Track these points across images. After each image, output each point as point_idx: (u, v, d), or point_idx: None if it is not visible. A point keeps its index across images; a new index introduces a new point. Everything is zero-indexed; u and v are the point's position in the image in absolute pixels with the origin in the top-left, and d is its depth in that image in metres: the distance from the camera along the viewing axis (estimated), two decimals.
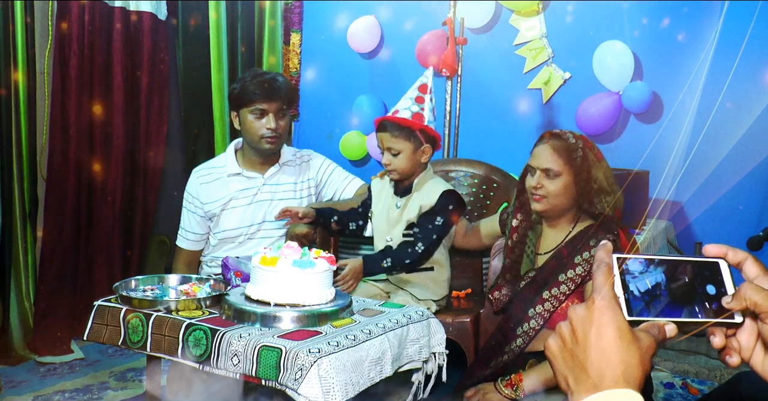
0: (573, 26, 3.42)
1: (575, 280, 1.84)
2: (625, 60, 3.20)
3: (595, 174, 1.87)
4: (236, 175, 2.47)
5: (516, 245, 2.02)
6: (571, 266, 1.85)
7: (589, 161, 1.88)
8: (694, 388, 2.77)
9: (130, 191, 3.32)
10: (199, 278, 1.95)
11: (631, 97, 3.20)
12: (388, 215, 2.24)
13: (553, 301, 1.85)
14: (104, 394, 2.60)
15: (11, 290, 2.95)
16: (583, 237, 1.88)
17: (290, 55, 4.01)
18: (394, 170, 2.20)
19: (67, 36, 3.03)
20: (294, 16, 4.00)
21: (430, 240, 2.15)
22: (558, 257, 1.90)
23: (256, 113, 2.37)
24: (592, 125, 3.30)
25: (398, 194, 2.26)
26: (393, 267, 2.16)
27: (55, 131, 3.03)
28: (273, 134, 2.38)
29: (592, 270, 0.76)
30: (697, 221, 3.23)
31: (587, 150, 1.89)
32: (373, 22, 3.79)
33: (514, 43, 3.53)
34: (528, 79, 3.54)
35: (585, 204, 1.90)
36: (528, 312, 1.88)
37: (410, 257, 2.14)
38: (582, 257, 1.84)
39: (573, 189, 1.90)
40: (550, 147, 1.91)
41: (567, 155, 1.89)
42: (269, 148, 2.41)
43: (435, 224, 2.16)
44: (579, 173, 1.87)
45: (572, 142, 1.90)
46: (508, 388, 1.80)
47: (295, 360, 1.44)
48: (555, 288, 1.86)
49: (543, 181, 1.92)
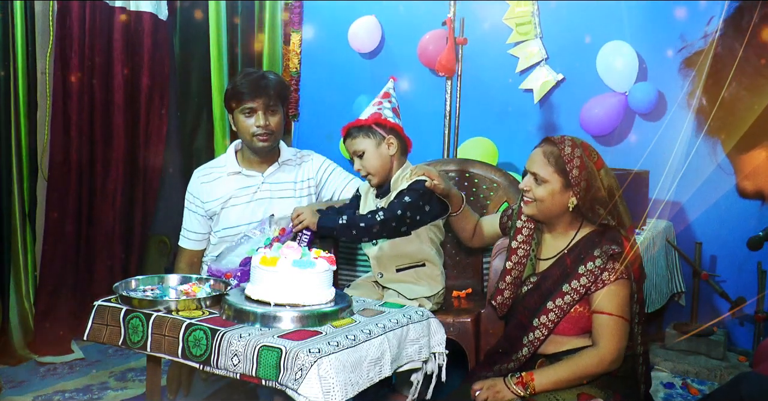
0: (573, 26, 3.42)
1: (579, 291, 1.83)
2: (630, 60, 3.19)
3: (594, 184, 1.85)
4: (236, 174, 2.48)
5: (520, 247, 2.01)
6: (576, 277, 1.84)
7: (587, 171, 1.85)
8: (694, 388, 2.77)
9: (130, 191, 3.32)
10: (199, 278, 1.95)
11: (638, 98, 3.19)
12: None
13: (557, 312, 1.85)
14: (104, 394, 2.60)
15: (11, 291, 2.96)
16: (587, 246, 1.87)
17: (290, 55, 4.01)
18: (369, 174, 2.19)
19: (67, 36, 3.03)
20: (294, 16, 4.00)
21: (392, 214, 2.05)
22: (561, 266, 1.90)
23: (245, 111, 2.39)
24: (596, 126, 3.29)
25: (379, 197, 2.24)
26: (347, 229, 2.05)
27: (55, 131, 3.03)
28: (264, 131, 2.39)
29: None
30: (697, 221, 3.23)
31: (586, 159, 1.87)
32: (374, 22, 3.79)
33: (507, 41, 3.52)
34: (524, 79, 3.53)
35: (588, 214, 1.88)
36: (533, 322, 1.88)
37: (366, 221, 2.04)
38: (586, 267, 1.83)
39: (561, 197, 1.88)
40: (541, 152, 1.91)
41: (557, 163, 1.87)
42: (262, 146, 2.42)
43: (402, 201, 2.07)
44: (577, 184, 1.85)
45: (567, 152, 1.87)
46: (519, 386, 1.80)
47: (295, 360, 1.44)
48: (559, 299, 1.85)
49: (531, 184, 1.92)
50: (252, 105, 2.38)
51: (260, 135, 2.40)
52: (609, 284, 1.81)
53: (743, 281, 3.11)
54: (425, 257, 2.20)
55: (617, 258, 1.81)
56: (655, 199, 2.95)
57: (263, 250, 1.74)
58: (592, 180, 1.85)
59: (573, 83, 3.44)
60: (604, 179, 1.87)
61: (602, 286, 1.82)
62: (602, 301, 1.81)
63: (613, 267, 1.81)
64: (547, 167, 1.89)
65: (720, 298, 3.07)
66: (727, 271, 3.17)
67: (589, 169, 1.86)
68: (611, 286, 1.81)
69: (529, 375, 1.81)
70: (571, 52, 3.43)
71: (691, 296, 3.11)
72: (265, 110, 2.40)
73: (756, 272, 2.99)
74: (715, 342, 3.00)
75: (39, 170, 3.04)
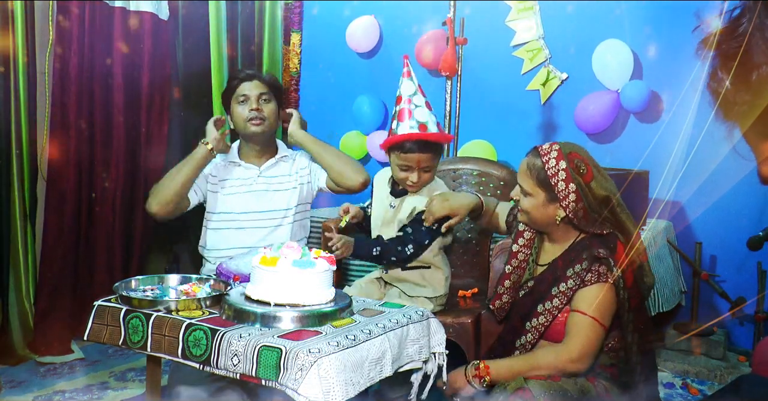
0: (571, 26, 3.42)
1: (567, 294, 1.81)
2: (625, 58, 3.19)
3: (585, 196, 1.80)
4: (235, 164, 2.61)
5: (521, 250, 1.98)
6: (564, 280, 1.82)
7: (575, 183, 1.79)
8: (694, 388, 2.77)
9: (130, 191, 3.31)
10: (199, 278, 1.95)
11: (630, 96, 3.18)
12: (383, 214, 2.22)
13: (547, 315, 1.83)
14: (104, 394, 2.60)
15: (11, 291, 2.95)
16: (579, 249, 1.84)
17: (290, 55, 4.01)
18: (419, 184, 2.14)
19: (67, 36, 3.03)
20: (294, 16, 4.00)
21: (420, 244, 2.12)
22: (553, 270, 1.88)
23: (239, 100, 2.55)
24: (590, 124, 3.29)
25: (393, 194, 2.22)
26: (379, 259, 2.13)
27: (55, 131, 3.03)
28: (257, 115, 2.52)
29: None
30: (697, 221, 3.23)
31: (572, 172, 1.79)
32: (372, 22, 3.79)
33: (512, 44, 3.52)
34: (527, 80, 3.53)
35: (582, 224, 1.82)
36: (525, 325, 1.87)
37: (397, 256, 2.11)
38: (573, 270, 1.81)
39: (546, 210, 1.84)
40: (525, 165, 1.87)
41: (539, 176, 1.83)
42: (255, 131, 2.53)
43: (429, 232, 2.12)
44: (564, 197, 1.80)
45: (551, 164, 1.81)
46: (475, 379, 1.81)
47: (295, 360, 1.44)
48: (548, 302, 1.84)
49: (520, 195, 1.90)
50: (246, 92, 2.54)
51: (253, 119, 2.52)
52: (589, 286, 1.78)
53: (743, 281, 3.11)
54: (431, 261, 2.20)
55: (603, 261, 1.77)
56: (655, 199, 2.95)
57: (263, 250, 1.74)
58: (582, 192, 1.79)
59: (573, 83, 3.44)
60: (597, 191, 1.81)
61: (583, 286, 1.79)
62: (579, 300, 1.79)
63: (597, 270, 1.78)
64: (529, 180, 1.85)
65: (720, 298, 3.07)
66: (727, 271, 3.17)
67: (576, 181, 1.79)
68: (591, 287, 1.78)
69: (486, 368, 1.80)
70: (571, 51, 3.43)
71: (691, 296, 3.11)
72: (258, 97, 2.54)
73: (756, 272, 2.99)
74: (715, 342, 3.00)
75: (39, 170, 3.04)
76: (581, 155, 1.85)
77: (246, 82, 2.55)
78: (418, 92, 2.11)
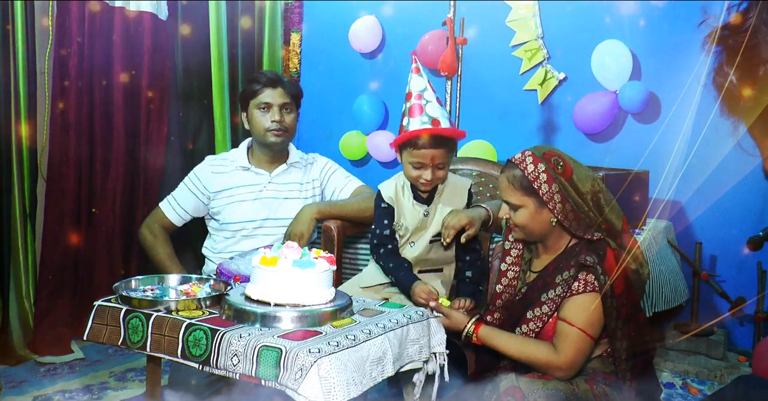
0: (570, 26, 3.42)
1: (555, 300, 1.80)
2: (624, 59, 3.19)
3: (569, 194, 1.78)
4: (245, 169, 2.54)
5: (510, 269, 1.97)
6: (552, 286, 1.81)
7: (557, 183, 1.77)
8: (694, 388, 2.77)
9: (130, 191, 3.31)
10: (199, 278, 1.95)
11: (628, 97, 3.18)
12: (417, 223, 2.11)
13: (536, 321, 1.82)
14: (104, 394, 2.60)
15: (11, 291, 2.95)
16: (568, 255, 1.83)
17: (290, 55, 4.01)
18: (432, 182, 2.06)
19: (67, 36, 3.03)
20: (294, 16, 4.00)
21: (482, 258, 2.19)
22: (544, 276, 1.87)
23: (261, 106, 2.47)
24: (588, 124, 3.29)
25: (419, 200, 2.12)
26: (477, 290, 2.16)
27: (55, 131, 3.03)
28: (278, 126, 2.46)
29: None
30: (697, 221, 3.22)
31: (552, 172, 1.78)
32: (374, 22, 3.79)
33: (511, 44, 3.52)
34: (526, 80, 3.53)
35: (573, 227, 1.80)
36: (515, 331, 1.86)
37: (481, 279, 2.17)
38: (561, 276, 1.80)
39: (540, 217, 1.82)
40: (506, 179, 1.84)
41: (523, 185, 1.80)
42: (275, 141, 2.47)
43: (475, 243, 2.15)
44: (550, 199, 1.78)
45: (530, 170, 1.78)
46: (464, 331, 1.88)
47: (295, 360, 1.44)
48: (538, 308, 1.82)
49: (509, 213, 1.87)
50: (268, 100, 2.46)
51: (275, 130, 2.46)
52: (576, 295, 1.76)
53: (743, 281, 3.11)
54: (445, 260, 2.18)
55: (590, 269, 1.76)
56: (655, 199, 2.95)
57: (263, 250, 1.74)
58: (565, 191, 1.78)
59: (571, 83, 3.44)
60: (580, 185, 1.79)
61: (570, 295, 1.77)
62: (567, 310, 1.77)
63: (585, 279, 1.76)
64: (515, 192, 1.83)
65: (720, 298, 3.07)
66: (727, 271, 3.17)
67: (559, 181, 1.78)
68: (578, 297, 1.76)
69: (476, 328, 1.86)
70: (570, 51, 3.43)
71: (691, 297, 3.11)
72: (281, 107, 2.47)
73: (756, 272, 2.99)
74: (715, 342, 3.00)
75: (39, 170, 3.04)
76: (555, 152, 1.85)
77: (269, 89, 2.47)
78: (429, 88, 2.04)
